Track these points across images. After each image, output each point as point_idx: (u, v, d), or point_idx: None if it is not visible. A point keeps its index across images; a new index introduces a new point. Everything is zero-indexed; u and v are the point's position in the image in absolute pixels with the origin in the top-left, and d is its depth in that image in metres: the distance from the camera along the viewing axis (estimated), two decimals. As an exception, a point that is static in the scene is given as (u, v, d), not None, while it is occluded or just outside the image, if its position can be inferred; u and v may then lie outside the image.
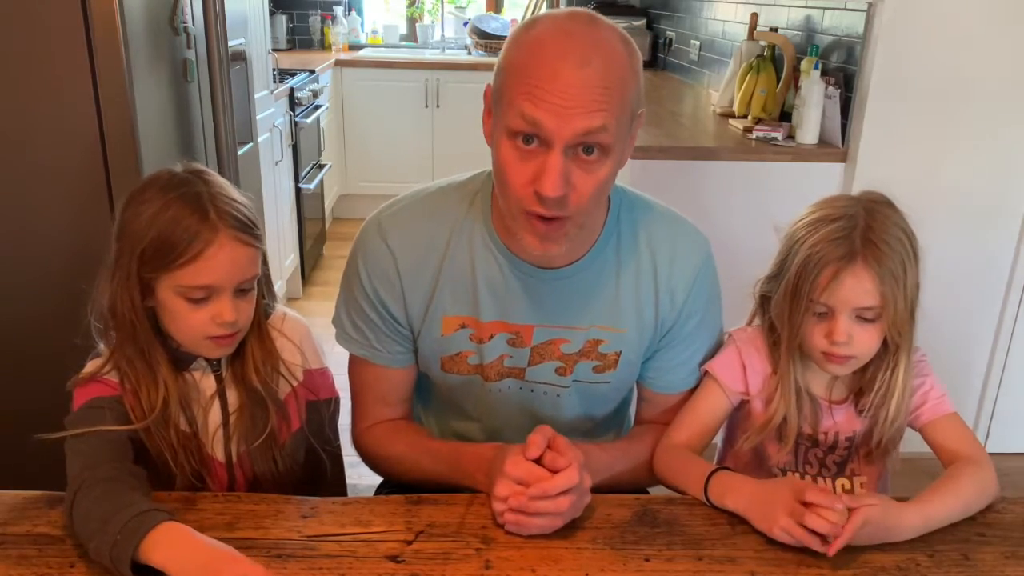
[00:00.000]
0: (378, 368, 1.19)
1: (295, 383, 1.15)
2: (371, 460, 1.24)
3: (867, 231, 1.05)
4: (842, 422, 1.15)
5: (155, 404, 1.04)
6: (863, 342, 1.07)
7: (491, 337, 1.13)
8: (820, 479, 1.17)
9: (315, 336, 1.21)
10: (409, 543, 0.96)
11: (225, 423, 1.11)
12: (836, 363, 1.10)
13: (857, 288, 1.04)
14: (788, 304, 1.10)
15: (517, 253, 1.09)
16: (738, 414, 1.21)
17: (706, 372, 1.19)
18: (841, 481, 1.17)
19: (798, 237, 1.09)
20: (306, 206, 3.68)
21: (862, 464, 1.17)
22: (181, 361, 1.09)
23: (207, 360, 1.10)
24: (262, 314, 1.12)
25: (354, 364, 1.22)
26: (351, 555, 0.94)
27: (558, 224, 0.98)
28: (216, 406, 1.10)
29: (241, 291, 1.06)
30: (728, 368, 1.17)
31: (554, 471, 0.96)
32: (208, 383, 1.10)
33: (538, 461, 0.98)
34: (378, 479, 1.35)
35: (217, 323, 1.03)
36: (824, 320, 1.08)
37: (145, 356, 1.05)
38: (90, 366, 1.08)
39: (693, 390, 1.20)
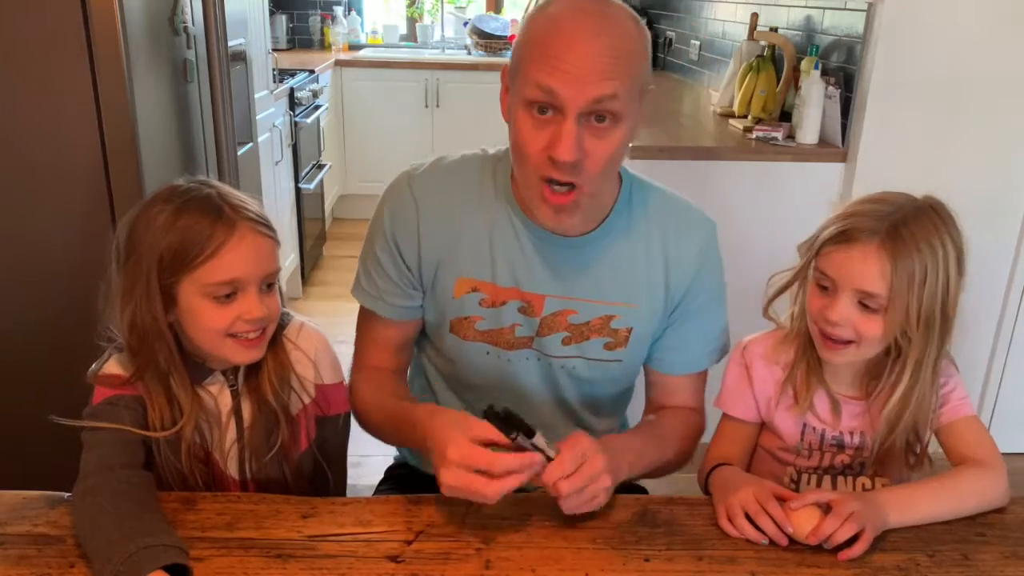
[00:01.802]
0: (381, 320, 1.21)
1: (307, 400, 1.14)
2: (355, 402, 1.22)
3: (901, 223, 1.03)
4: (864, 423, 1.14)
5: (168, 425, 1.04)
6: (862, 330, 1.05)
7: (504, 303, 1.15)
8: (841, 478, 1.17)
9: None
10: (409, 543, 0.96)
11: (240, 439, 1.10)
12: (830, 348, 1.08)
13: (862, 268, 1.02)
14: (806, 247, 1.11)
15: (534, 219, 1.11)
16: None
17: (723, 412, 1.21)
18: (862, 480, 1.16)
19: (842, 207, 1.09)
20: (306, 206, 3.68)
21: (883, 468, 1.15)
22: (198, 375, 1.07)
23: (223, 374, 1.09)
24: (277, 324, 1.10)
25: (362, 313, 1.24)
26: (351, 555, 0.94)
27: (572, 195, 1.03)
28: (232, 423, 1.10)
29: (266, 287, 1.05)
30: (737, 397, 1.19)
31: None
32: (224, 400, 1.09)
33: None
34: (377, 479, 1.35)
35: (246, 320, 1.02)
36: (826, 295, 1.07)
37: (163, 375, 1.04)
38: (112, 365, 1.07)
39: (700, 374, 1.23)
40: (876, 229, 1.02)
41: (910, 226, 1.03)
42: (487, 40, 4.81)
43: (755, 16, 2.84)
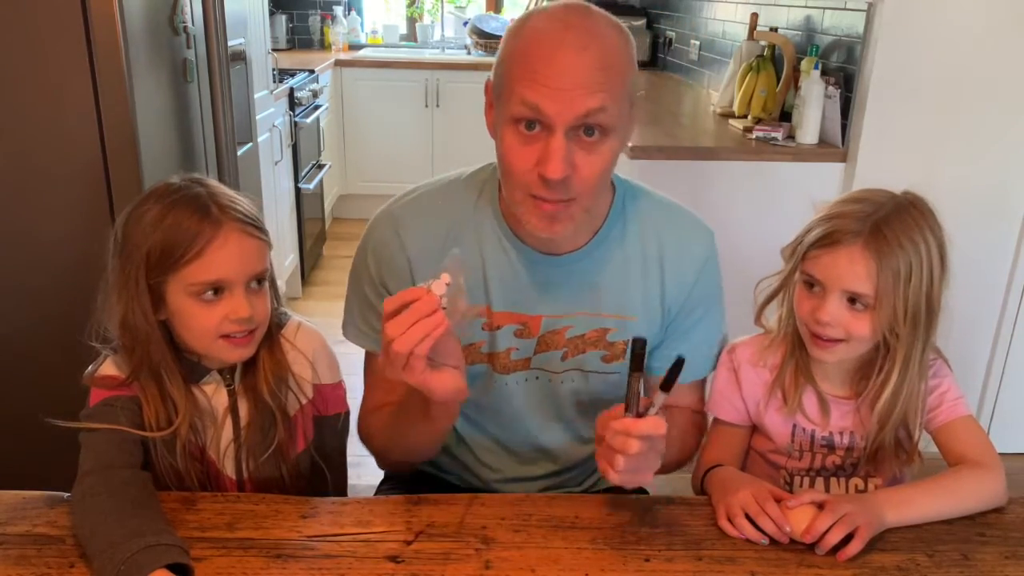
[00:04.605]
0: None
1: (304, 400, 1.13)
2: (367, 440, 1.20)
3: (883, 222, 1.04)
4: (854, 423, 1.14)
5: (163, 424, 1.04)
6: (851, 329, 1.06)
7: (500, 327, 1.13)
8: (834, 479, 1.17)
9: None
10: (409, 543, 0.96)
11: (237, 439, 1.10)
12: (820, 347, 1.08)
13: (848, 269, 1.04)
14: (790, 251, 1.11)
15: (524, 239, 1.10)
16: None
17: (713, 416, 1.21)
18: (854, 481, 1.16)
19: (824, 209, 1.10)
20: (306, 206, 3.68)
21: (876, 466, 1.15)
22: (194, 374, 1.07)
23: (220, 373, 1.09)
24: (274, 323, 1.11)
25: (367, 356, 1.21)
26: (351, 555, 0.94)
27: (564, 206, 1.00)
28: (229, 422, 1.09)
29: (255, 285, 1.04)
30: (726, 400, 1.19)
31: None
32: (221, 398, 1.09)
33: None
34: (378, 479, 1.35)
35: (232, 320, 1.01)
36: (814, 296, 1.07)
37: (157, 374, 1.04)
38: (108, 366, 1.07)
39: (703, 380, 1.23)
40: (859, 230, 1.04)
41: (892, 224, 1.04)
42: (487, 40, 4.81)
43: (755, 16, 2.84)
